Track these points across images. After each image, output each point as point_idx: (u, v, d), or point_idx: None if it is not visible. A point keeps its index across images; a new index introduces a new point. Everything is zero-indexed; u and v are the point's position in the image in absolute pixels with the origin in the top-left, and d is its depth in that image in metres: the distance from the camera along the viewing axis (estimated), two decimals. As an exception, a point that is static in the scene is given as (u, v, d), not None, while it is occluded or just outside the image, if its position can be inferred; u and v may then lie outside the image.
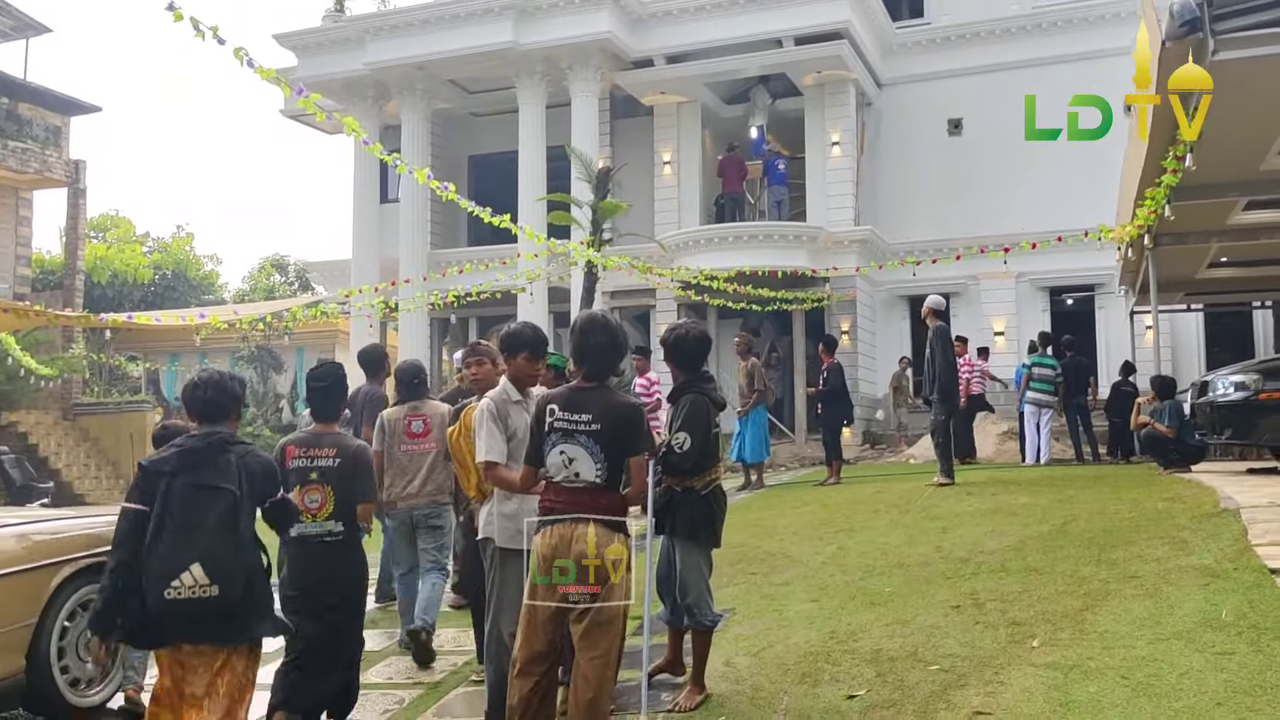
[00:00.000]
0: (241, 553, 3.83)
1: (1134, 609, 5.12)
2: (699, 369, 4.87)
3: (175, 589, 3.66)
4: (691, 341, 4.87)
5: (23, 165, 21.83)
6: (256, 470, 3.98)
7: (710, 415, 4.71)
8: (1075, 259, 18.42)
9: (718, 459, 4.82)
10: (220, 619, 3.76)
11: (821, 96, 20.27)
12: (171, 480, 3.83)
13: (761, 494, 11.81)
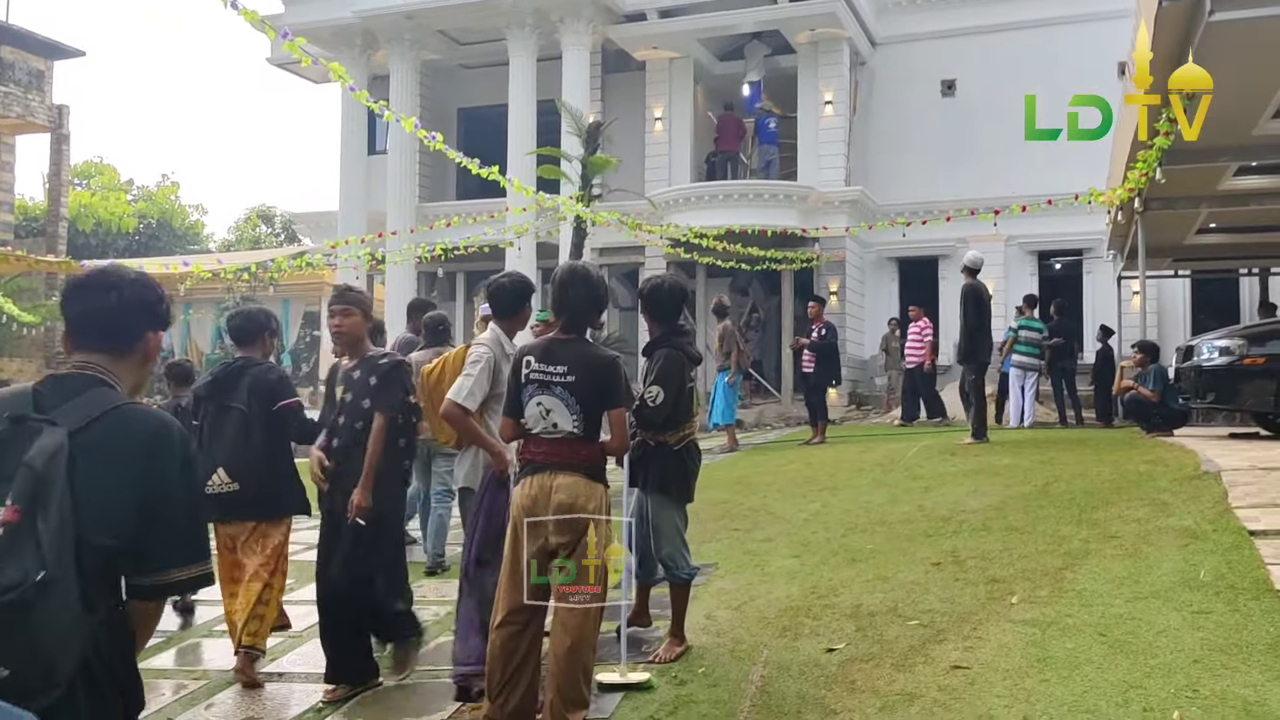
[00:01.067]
0: (255, 456, 4.89)
1: (1113, 568, 5.15)
2: (674, 321, 4.87)
3: (210, 486, 4.80)
4: (665, 292, 4.85)
5: (4, 109, 21.53)
6: (263, 386, 4.96)
7: (685, 370, 4.70)
8: (1065, 223, 18.38)
9: (692, 415, 4.80)
10: (244, 505, 4.91)
11: (815, 55, 20.07)
12: (206, 403, 5.06)
13: (746, 452, 11.84)
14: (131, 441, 2.06)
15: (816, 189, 19.33)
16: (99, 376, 2.15)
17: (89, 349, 2.19)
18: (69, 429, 1.99)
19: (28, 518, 1.87)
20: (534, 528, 3.80)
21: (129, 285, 2.24)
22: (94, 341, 2.20)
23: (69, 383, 2.13)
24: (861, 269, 20.74)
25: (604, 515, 3.87)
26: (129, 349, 2.23)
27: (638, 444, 4.74)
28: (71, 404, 2.06)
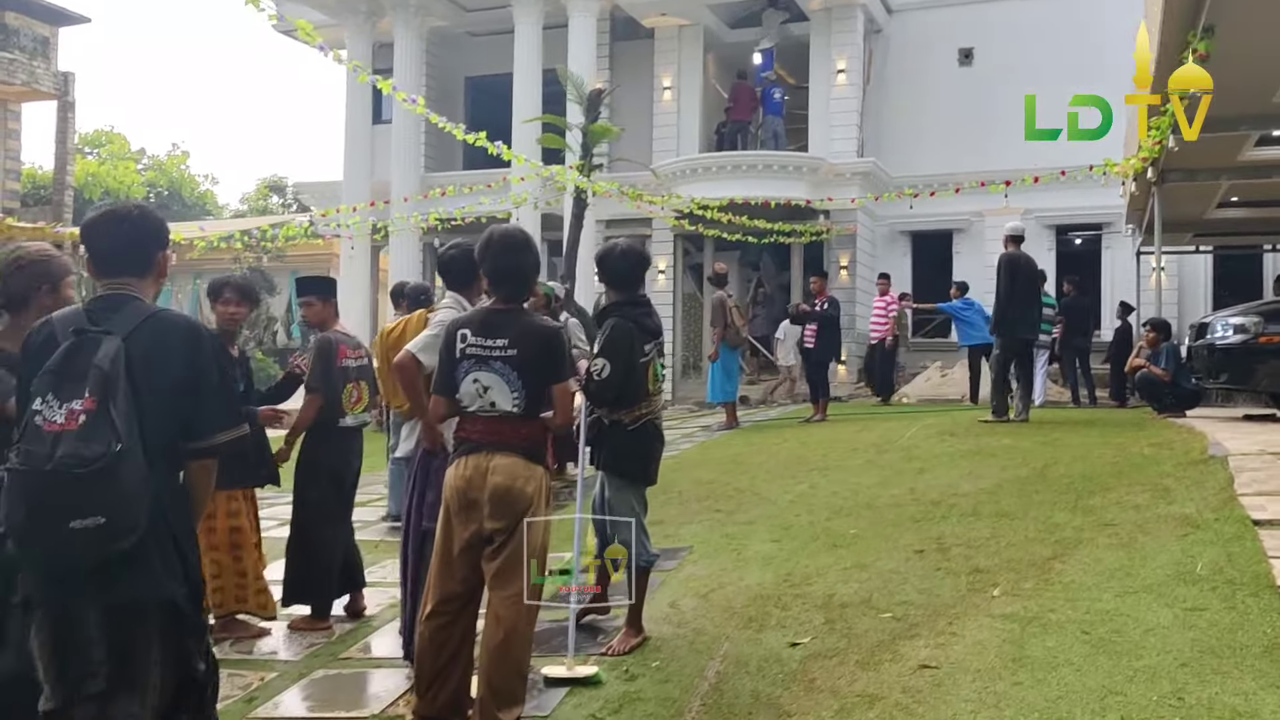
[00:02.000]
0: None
1: (1105, 559, 4.83)
2: (633, 290, 4.53)
3: None
4: (618, 257, 4.52)
5: (9, 76, 21.29)
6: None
7: (635, 342, 4.35)
8: (1083, 196, 17.87)
9: (648, 393, 4.44)
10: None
11: (828, 22, 19.56)
12: None
13: (742, 431, 11.50)
14: (170, 340, 2.65)
15: (828, 160, 18.87)
16: (129, 294, 2.71)
17: (115, 273, 2.73)
18: (121, 335, 2.58)
19: (102, 406, 2.48)
20: (468, 511, 3.52)
21: (137, 216, 2.79)
22: (119, 266, 2.73)
23: (109, 301, 2.69)
24: (873, 243, 20.32)
25: (543, 499, 3.59)
26: (148, 268, 2.78)
27: (593, 423, 4.46)
28: (118, 316, 2.63)
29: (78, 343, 2.55)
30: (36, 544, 2.47)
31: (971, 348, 14.55)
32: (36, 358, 2.59)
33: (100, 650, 2.49)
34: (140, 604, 2.54)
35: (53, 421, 2.48)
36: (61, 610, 2.52)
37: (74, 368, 2.51)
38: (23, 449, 2.48)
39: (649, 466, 4.50)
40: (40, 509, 2.43)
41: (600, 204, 18.31)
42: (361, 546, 5.94)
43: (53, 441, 2.45)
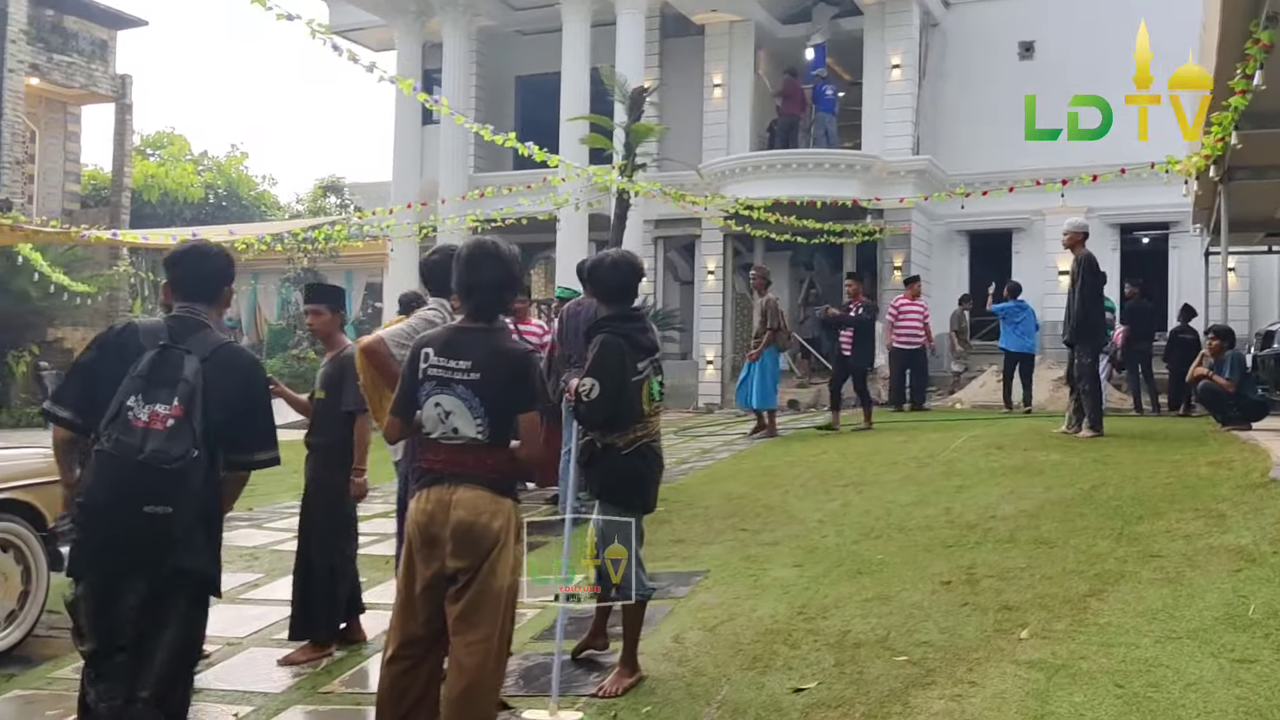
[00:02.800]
0: None
1: (1147, 597, 4.44)
2: (625, 302, 4.24)
3: None
4: (608, 268, 4.23)
5: (68, 79, 21.68)
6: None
7: (626, 360, 4.04)
8: (1149, 194, 17.13)
9: (642, 414, 4.13)
10: None
11: (882, 16, 19.03)
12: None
13: (780, 440, 11.10)
14: (237, 369, 3.19)
15: (881, 158, 18.37)
16: (200, 319, 3.24)
17: (190, 299, 3.27)
18: (200, 357, 3.09)
19: (187, 415, 2.99)
20: (430, 548, 3.26)
21: (216, 255, 3.36)
22: (194, 294, 3.28)
23: (185, 323, 3.20)
24: (929, 242, 19.74)
25: (512, 535, 3.31)
26: (216, 298, 3.34)
27: (585, 445, 4.18)
28: (195, 339, 3.14)
29: (163, 355, 3.07)
30: (111, 518, 2.96)
31: (1011, 354, 14.01)
32: (119, 357, 3.08)
33: (135, 611, 2.99)
34: (181, 574, 3.04)
35: (139, 419, 2.97)
36: (112, 575, 2.99)
37: (160, 376, 3.02)
38: (114, 437, 2.96)
39: (646, 493, 4.19)
40: (123, 490, 2.94)
41: (649, 204, 18.02)
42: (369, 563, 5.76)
43: (141, 436, 2.95)
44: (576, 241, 17.99)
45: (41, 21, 20.93)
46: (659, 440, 4.27)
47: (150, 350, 3.06)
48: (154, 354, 3.05)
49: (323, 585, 4.76)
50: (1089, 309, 8.96)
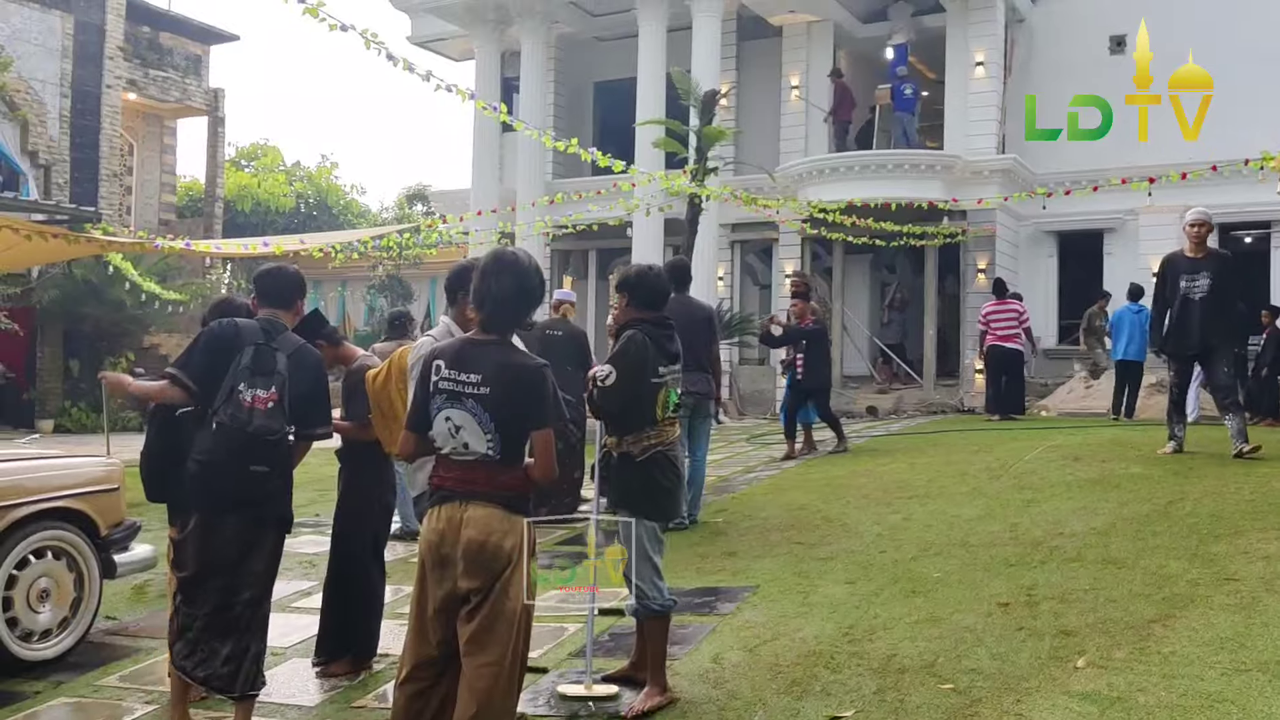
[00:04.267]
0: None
1: (1218, 624, 4.16)
2: (655, 309, 4.24)
3: None
4: (653, 279, 4.29)
5: (164, 94, 22.41)
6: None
7: (649, 358, 4.04)
8: (1249, 192, 16.40)
9: (656, 420, 4.07)
10: None
11: (965, 12, 18.54)
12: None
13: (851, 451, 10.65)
14: (310, 365, 4.11)
15: (963, 158, 17.90)
16: (281, 323, 4.13)
17: (271, 307, 4.17)
18: (286, 354, 4.01)
19: (280, 399, 3.94)
20: (441, 568, 3.19)
21: (291, 273, 4.29)
22: (274, 303, 4.18)
23: (273, 325, 4.09)
24: (1015, 244, 19.17)
25: (525, 554, 3.22)
26: (291, 308, 4.23)
27: (603, 455, 4.15)
28: (281, 339, 4.04)
29: (260, 351, 3.96)
30: (225, 473, 3.86)
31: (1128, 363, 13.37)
32: (227, 348, 3.95)
33: (231, 549, 3.89)
34: (268, 518, 3.99)
35: (246, 400, 3.87)
36: (215, 513, 3.90)
37: (261, 367, 3.93)
38: (229, 412, 3.87)
39: (660, 502, 4.09)
40: (237, 453, 3.86)
41: (724, 208, 17.85)
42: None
43: (249, 413, 3.87)
44: (652, 246, 17.90)
45: (138, 39, 21.68)
46: (675, 450, 4.18)
47: (250, 346, 3.95)
48: (253, 350, 3.95)
49: (354, 599, 4.73)
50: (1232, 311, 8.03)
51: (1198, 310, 7.79)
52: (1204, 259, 7.91)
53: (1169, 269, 8.07)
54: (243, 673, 3.90)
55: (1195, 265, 7.88)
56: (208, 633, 3.89)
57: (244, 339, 3.96)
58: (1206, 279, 7.76)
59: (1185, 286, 7.82)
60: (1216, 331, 7.81)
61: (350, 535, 4.85)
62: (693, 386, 7.31)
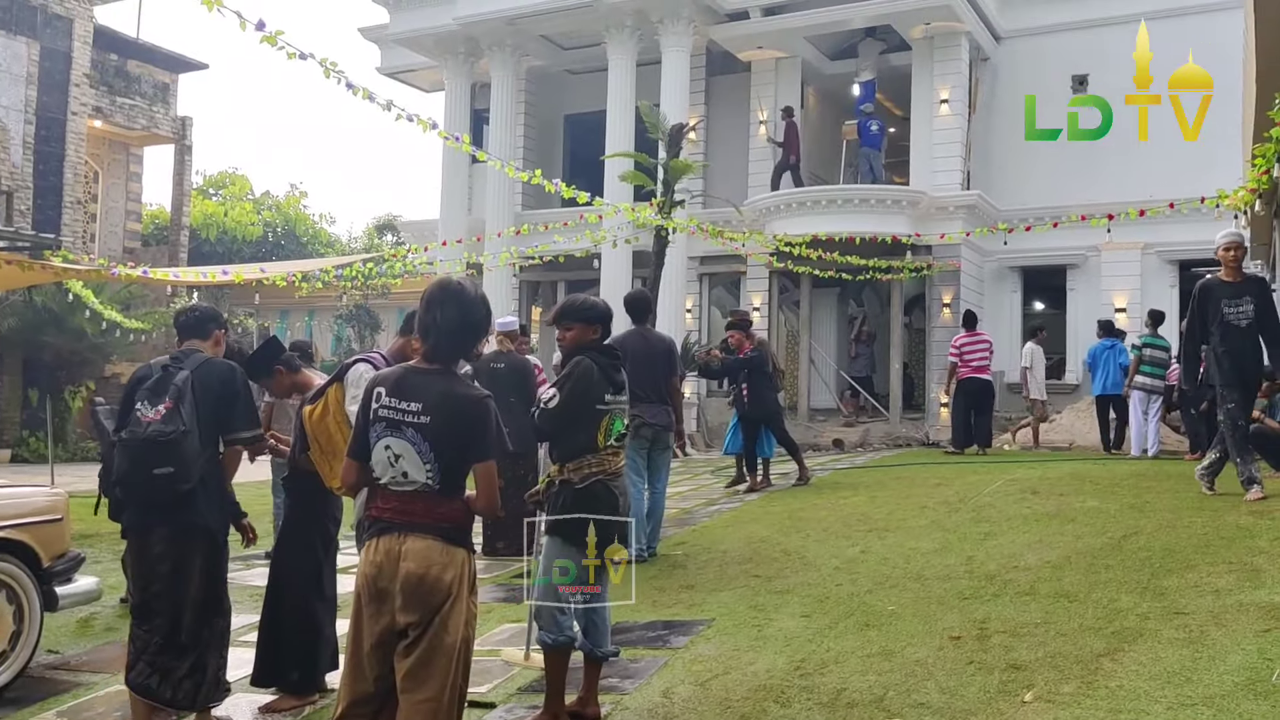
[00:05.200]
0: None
1: (1165, 658, 4.16)
2: (602, 339, 4.30)
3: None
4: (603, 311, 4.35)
5: (130, 122, 22.29)
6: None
7: (594, 384, 4.08)
8: (1208, 229, 16.46)
9: (597, 449, 4.07)
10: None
11: (930, 50, 18.83)
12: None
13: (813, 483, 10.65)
14: (216, 373, 4.29)
15: (929, 193, 18.11)
16: (196, 351, 4.39)
17: (188, 339, 4.46)
18: (190, 369, 4.22)
19: (175, 407, 4.09)
20: (379, 602, 3.13)
21: (205, 307, 4.67)
22: (191, 335, 4.48)
23: (186, 354, 4.35)
24: (980, 279, 19.36)
25: (465, 587, 3.18)
26: (208, 337, 4.49)
27: (546, 483, 4.15)
28: (189, 360, 4.27)
29: (161, 375, 4.21)
30: (133, 483, 4.08)
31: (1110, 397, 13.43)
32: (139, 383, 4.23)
33: (164, 563, 4.09)
34: (193, 530, 4.12)
35: (145, 416, 4.10)
36: (140, 525, 4.14)
37: (158, 387, 4.15)
38: (129, 430, 4.11)
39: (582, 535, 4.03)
40: (139, 461, 4.05)
41: (693, 241, 17.94)
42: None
43: (145, 425, 4.08)
44: (620, 278, 17.96)
45: (105, 66, 21.59)
46: (618, 480, 4.17)
47: (156, 375, 4.22)
48: (156, 376, 4.21)
49: (292, 629, 4.65)
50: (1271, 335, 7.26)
51: (1245, 337, 7.22)
52: (1244, 283, 7.36)
53: (1206, 296, 7.44)
54: (204, 689, 4.15)
55: (1236, 290, 7.29)
56: (165, 654, 4.08)
57: (154, 369, 4.27)
58: (1250, 304, 7.22)
59: (1230, 313, 7.22)
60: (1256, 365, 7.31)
61: (291, 565, 4.77)
62: (653, 418, 7.31)
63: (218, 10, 5.87)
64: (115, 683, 5.14)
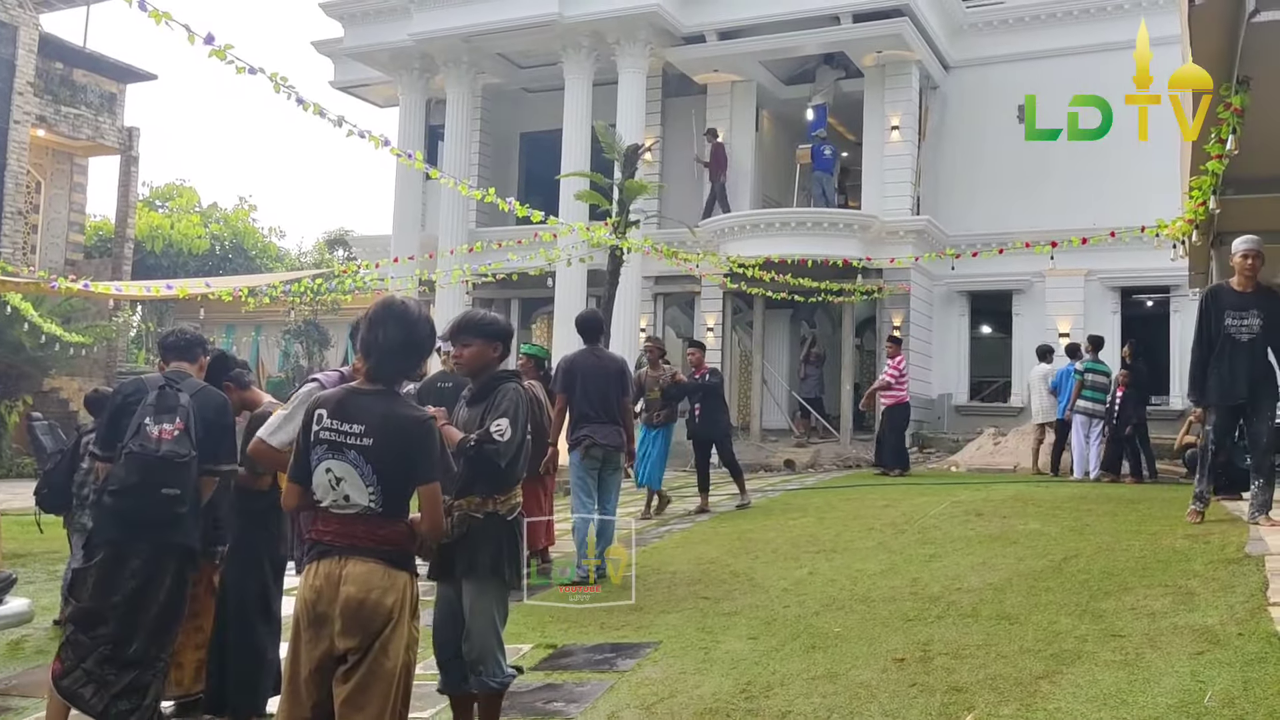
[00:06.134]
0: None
1: (1102, 680, 4.23)
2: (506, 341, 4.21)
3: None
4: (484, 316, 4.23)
5: (75, 131, 21.94)
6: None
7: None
8: (1149, 257, 16.93)
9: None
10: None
11: (882, 78, 19.12)
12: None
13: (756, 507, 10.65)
14: (211, 404, 4.38)
15: (880, 218, 18.35)
16: (184, 373, 4.45)
17: (177, 361, 4.53)
18: (189, 393, 4.31)
19: (186, 428, 4.19)
20: (318, 627, 3.09)
21: (191, 334, 4.74)
22: (179, 357, 4.55)
23: (176, 374, 4.41)
24: (930, 302, 19.63)
25: (407, 612, 3.14)
26: (195, 361, 4.60)
27: (459, 518, 3.84)
28: (184, 384, 4.35)
29: (165, 391, 4.27)
30: (138, 497, 4.08)
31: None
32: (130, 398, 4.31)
33: (136, 579, 4.09)
34: (174, 548, 4.18)
35: (154, 432, 4.14)
36: (126, 546, 4.11)
37: (164, 404, 4.21)
38: (139, 443, 4.12)
39: (519, 566, 3.98)
40: (149, 478, 4.09)
41: (648, 261, 17.99)
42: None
43: (157, 442, 4.12)
44: (575, 296, 17.96)
45: (50, 74, 21.25)
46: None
47: (154, 390, 4.27)
48: (158, 391, 4.26)
49: (232, 653, 4.57)
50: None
51: (1245, 354, 6.68)
52: (1254, 294, 6.79)
53: (1212, 304, 6.93)
54: (139, 712, 4.05)
55: (1243, 301, 6.73)
56: (107, 665, 4.03)
57: (148, 386, 4.31)
58: (1257, 318, 6.67)
59: (1231, 325, 6.72)
60: (1267, 380, 6.74)
61: (237, 588, 4.68)
62: (604, 439, 7.31)
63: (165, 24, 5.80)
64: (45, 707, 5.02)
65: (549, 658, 5.39)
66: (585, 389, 7.34)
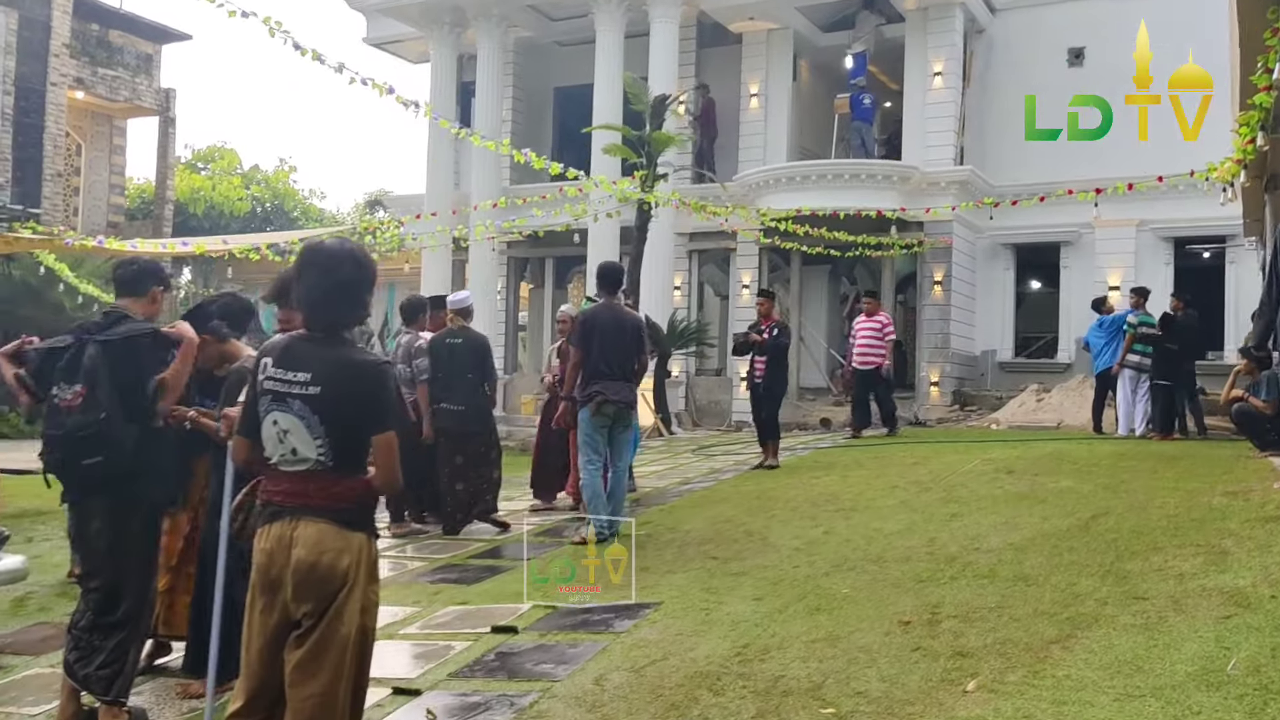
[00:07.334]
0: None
1: (1119, 645, 3.96)
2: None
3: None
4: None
5: (113, 93, 21.99)
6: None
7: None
8: (1203, 207, 16.16)
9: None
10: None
11: (924, 23, 18.48)
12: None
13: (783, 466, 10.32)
14: (130, 346, 4.00)
15: (921, 169, 17.79)
16: (120, 313, 4.11)
17: (121, 296, 4.20)
18: (101, 343, 3.95)
19: (89, 390, 3.91)
20: (272, 592, 2.91)
21: (146, 262, 4.37)
22: (127, 292, 4.20)
23: (109, 317, 4.09)
24: (972, 256, 19.07)
25: (363, 574, 2.95)
26: (144, 295, 4.20)
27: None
28: (110, 330, 4.00)
29: (75, 348, 3.97)
30: (65, 470, 3.99)
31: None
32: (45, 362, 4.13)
33: (104, 536, 3.97)
34: (132, 500, 4.01)
35: (61, 401, 3.94)
36: (82, 507, 4.02)
37: (71, 364, 3.95)
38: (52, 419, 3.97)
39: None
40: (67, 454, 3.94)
41: (682, 217, 17.65)
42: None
43: (64, 415, 3.92)
44: (607, 253, 17.59)
45: (87, 36, 21.28)
46: None
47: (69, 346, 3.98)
48: (70, 350, 3.97)
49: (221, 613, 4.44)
50: None
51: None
52: None
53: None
54: (119, 681, 3.96)
55: None
56: (93, 632, 3.98)
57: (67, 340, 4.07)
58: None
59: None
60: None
61: (217, 545, 4.55)
62: (615, 395, 7.09)
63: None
64: (36, 665, 4.97)
65: (545, 618, 5.22)
66: (602, 344, 7.13)
